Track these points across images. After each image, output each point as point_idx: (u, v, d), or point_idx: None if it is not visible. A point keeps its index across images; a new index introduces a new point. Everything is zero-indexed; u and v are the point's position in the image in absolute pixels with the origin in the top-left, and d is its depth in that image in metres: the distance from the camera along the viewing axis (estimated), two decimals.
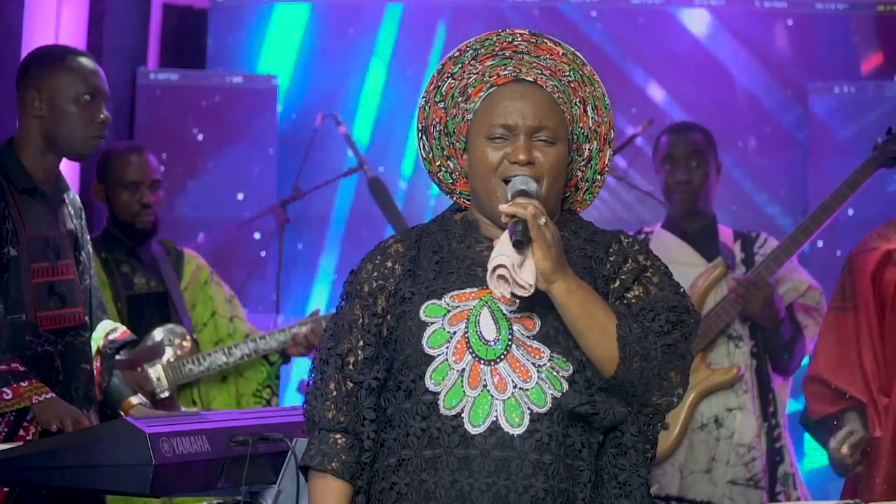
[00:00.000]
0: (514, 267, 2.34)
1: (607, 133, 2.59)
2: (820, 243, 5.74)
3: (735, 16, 6.15)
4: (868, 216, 5.15)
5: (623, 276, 2.49)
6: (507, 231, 2.38)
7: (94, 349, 3.60)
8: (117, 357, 3.75)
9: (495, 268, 2.35)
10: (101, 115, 3.51)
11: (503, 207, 2.38)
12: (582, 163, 2.60)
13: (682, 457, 4.49)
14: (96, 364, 3.60)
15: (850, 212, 5.34)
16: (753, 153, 6.13)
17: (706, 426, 4.50)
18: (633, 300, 2.47)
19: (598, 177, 2.61)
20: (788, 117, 6.11)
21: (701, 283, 4.54)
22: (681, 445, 4.48)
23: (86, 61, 3.54)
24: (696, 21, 6.16)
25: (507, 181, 2.47)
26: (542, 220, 2.35)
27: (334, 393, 2.50)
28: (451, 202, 2.66)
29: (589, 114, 2.56)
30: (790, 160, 6.09)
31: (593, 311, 2.40)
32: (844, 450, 4.00)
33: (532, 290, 2.36)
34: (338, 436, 2.49)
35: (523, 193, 2.41)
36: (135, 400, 3.70)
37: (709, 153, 4.62)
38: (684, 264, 4.52)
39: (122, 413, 3.66)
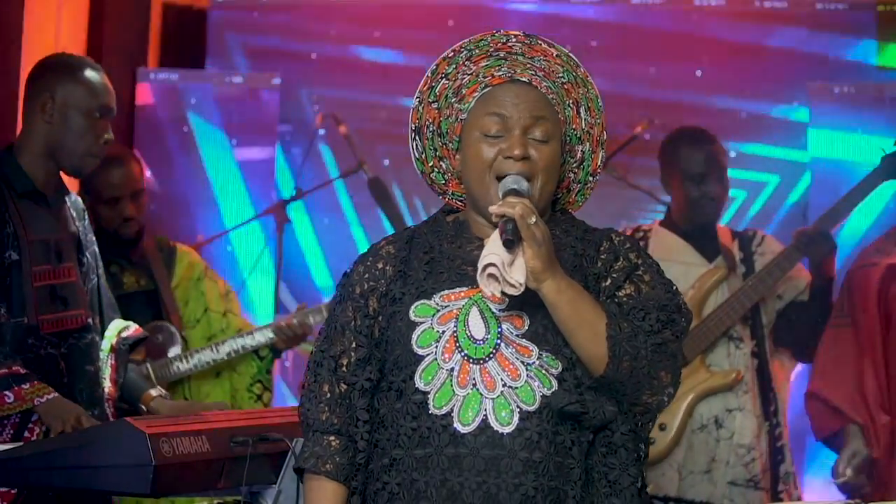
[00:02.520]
0: (504, 266, 2.35)
1: (600, 135, 2.58)
2: None
3: (735, 16, 6.15)
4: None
5: (614, 275, 2.49)
6: (497, 230, 2.38)
7: (107, 348, 3.62)
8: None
9: (485, 266, 2.36)
10: (106, 136, 3.52)
11: (493, 209, 2.38)
12: (574, 164, 2.59)
13: (681, 457, 4.49)
14: (111, 362, 3.61)
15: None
16: (753, 153, 6.12)
17: (706, 427, 4.50)
18: (625, 299, 2.46)
19: (591, 178, 2.61)
20: (788, 117, 6.10)
21: (701, 285, 4.54)
22: (679, 446, 4.48)
23: (102, 78, 3.56)
24: (694, 21, 6.16)
25: (500, 179, 2.47)
26: (532, 219, 2.35)
27: (328, 395, 2.51)
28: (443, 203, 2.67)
29: (582, 115, 2.56)
30: (790, 160, 6.09)
31: (583, 309, 2.40)
32: (849, 472, 4.01)
33: (522, 289, 2.37)
34: (332, 438, 2.50)
35: (514, 193, 2.42)
36: (154, 392, 3.71)
37: (725, 163, 4.64)
38: (684, 264, 4.53)
39: (142, 406, 3.68)
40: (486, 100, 2.51)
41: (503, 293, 2.37)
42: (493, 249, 2.36)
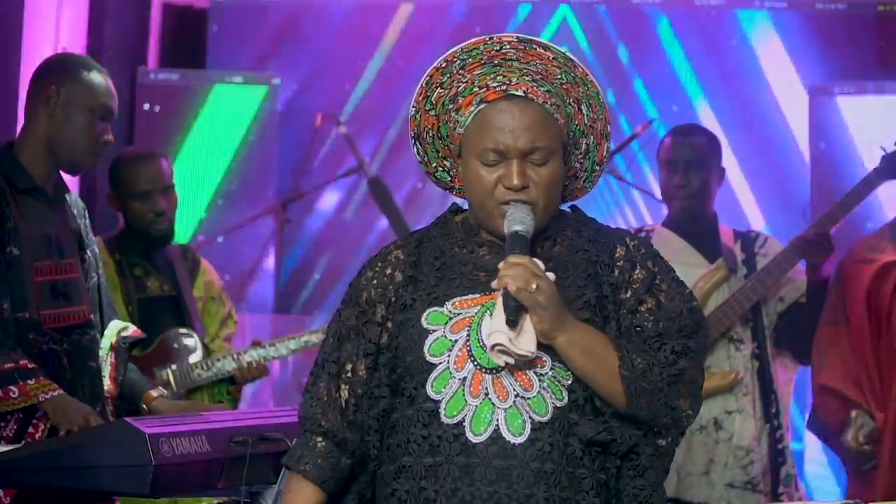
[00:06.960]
0: (511, 341, 2.34)
1: (603, 129, 2.55)
2: None
3: (735, 16, 6.15)
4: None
5: (634, 286, 2.48)
6: (500, 302, 2.36)
7: (107, 346, 3.63)
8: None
9: (493, 346, 2.35)
10: (106, 136, 3.55)
11: (494, 283, 2.37)
12: (580, 155, 2.57)
13: (680, 458, 4.48)
14: (111, 360, 3.62)
15: None
16: (753, 153, 6.13)
17: (705, 428, 4.50)
18: (647, 314, 2.46)
19: (597, 167, 2.59)
20: (788, 117, 6.11)
21: (702, 286, 4.53)
22: (677, 447, 4.48)
23: (107, 81, 3.58)
24: (694, 21, 6.17)
25: (503, 203, 2.45)
26: (534, 285, 2.34)
27: (325, 397, 2.50)
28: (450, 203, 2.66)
29: (584, 112, 2.53)
30: (790, 160, 6.09)
31: (597, 355, 2.40)
32: (861, 438, 4.00)
33: (535, 354, 2.37)
34: (318, 439, 2.49)
35: (517, 237, 2.40)
36: (155, 393, 3.72)
37: (710, 158, 4.60)
38: (686, 265, 4.51)
39: (143, 406, 3.68)
40: (482, 123, 2.47)
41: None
42: (498, 327, 2.35)
